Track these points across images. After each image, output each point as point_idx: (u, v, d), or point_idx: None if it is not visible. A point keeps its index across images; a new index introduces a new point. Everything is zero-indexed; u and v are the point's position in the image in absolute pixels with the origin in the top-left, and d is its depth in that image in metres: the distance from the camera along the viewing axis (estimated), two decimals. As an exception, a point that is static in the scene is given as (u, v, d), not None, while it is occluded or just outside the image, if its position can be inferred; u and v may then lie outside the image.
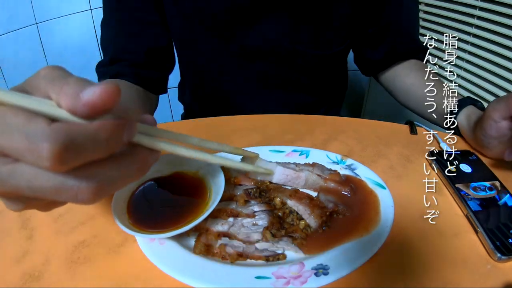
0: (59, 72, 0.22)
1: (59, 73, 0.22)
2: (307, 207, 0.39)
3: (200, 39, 0.65)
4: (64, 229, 0.40)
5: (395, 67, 0.71)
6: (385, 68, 0.72)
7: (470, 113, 0.53)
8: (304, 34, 0.63)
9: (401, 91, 0.70)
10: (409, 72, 0.68)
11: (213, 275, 0.33)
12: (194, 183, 0.42)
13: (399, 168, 0.48)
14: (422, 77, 0.64)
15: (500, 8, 0.83)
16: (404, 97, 0.69)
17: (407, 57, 0.69)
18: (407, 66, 0.69)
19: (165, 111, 1.60)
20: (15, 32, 1.38)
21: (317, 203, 0.40)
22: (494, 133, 0.44)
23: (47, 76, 0.21)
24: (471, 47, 0.94)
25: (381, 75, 0.74)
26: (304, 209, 0.39)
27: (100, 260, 0.36)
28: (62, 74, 0.22)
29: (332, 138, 0.54)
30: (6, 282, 0.34)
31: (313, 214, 0.38)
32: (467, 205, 0.40)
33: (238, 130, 0.57)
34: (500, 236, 0.36)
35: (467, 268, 0.34)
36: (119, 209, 0.37)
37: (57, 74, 0.21)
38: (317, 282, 0.32)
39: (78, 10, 1.37)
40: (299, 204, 0.40)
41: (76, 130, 0.19)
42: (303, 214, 0.39)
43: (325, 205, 0.40)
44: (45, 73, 0.22)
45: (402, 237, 0.37)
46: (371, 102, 1.39)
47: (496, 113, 0.43)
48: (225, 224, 0.39)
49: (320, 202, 0.40)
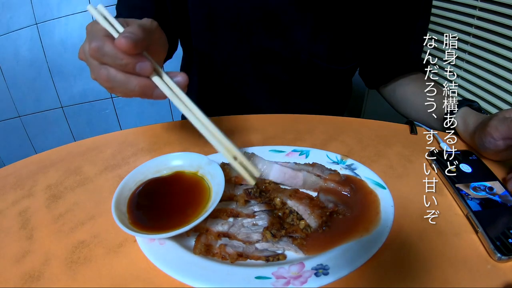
0: (139, 22, 0.37)
1: (138, 22, 0.37)
2: (307, 207, 0.39)
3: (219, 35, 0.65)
4: (64, 229, 0.40)
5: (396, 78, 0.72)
6: (388, 81, 0.73)
7: (465, 115, 0.53)
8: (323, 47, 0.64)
9: (401, 100, 0.71)
10: (410, 81, 0.70)
11: (213, 275, 0.33)
12: (194, 183, 0.42)
13: (399, 168, 0.48)
14: (422, 85, 0.65)
15: (500, 8, 0.83)
16: (404, 106, 0.71)
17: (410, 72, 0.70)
18: (408, 76, 0.70)
19: (165, 111, 1.60)
20: (15, 32, 1.38)
21: (317, 203, 0.40)
22: (492, 147, 0.46)
23: (140, 22, 0.37)
24: (471, 47, 0.94)
25: (383, 87, 0.75)
26: (304, 209, 0.39)
27: (100, 260, 0.36)
28: (138, 23, 0.37)
29: (332, 138, 0.54)
30: (6, 282, 0.34)
31: (313, 214, 0.38)
32: (467, 205, 0.40)
33: (238, 130, 0.57)
34: (500, 236, 0.36)
35: (467, 268, 0.34)
36: (119, 209, 0.37)
37: (136, 22, 0.37)
38: (317, 282, 0.32)
39: (78, 10, 1.37)
40: (299, 204, 0.40)
41: (110, 45, 0.34)
42: (303, 214, 0.39)
43: (325, 205, 0.40)
44: (137, 20, 0.38)
45: (402, 237, 0.37)
46: (371, 102, 1.39)
47: (496, 133, 0.45)
48: (225, 224, 0.39)
49: (320, 202, 0.40)
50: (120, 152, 0.53)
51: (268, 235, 0.36)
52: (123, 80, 0.35)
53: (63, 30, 1.39)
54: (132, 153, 0.53)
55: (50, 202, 0.45)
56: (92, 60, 0.36)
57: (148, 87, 0.36)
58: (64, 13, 1.37)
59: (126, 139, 0.57)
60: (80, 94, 1.50)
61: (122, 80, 0.35)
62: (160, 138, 0.56)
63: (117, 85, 0.36)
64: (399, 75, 0.71)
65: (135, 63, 0.35)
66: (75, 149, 0.55)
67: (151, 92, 0.37)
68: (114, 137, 0.58)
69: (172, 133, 0.58)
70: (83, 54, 0.38)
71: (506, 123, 0.45)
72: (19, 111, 1.53)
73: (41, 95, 1.49)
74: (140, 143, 0.55)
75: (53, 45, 1.40)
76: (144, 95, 0.37)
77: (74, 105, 1.53)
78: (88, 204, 0.44)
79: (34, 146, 1.62)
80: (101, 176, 0.49)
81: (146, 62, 0.35)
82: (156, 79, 0.36)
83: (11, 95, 1.49)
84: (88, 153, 0.54)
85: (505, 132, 0.44)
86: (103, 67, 0.35)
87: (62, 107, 1.53)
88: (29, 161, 0.53)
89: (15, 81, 1.46)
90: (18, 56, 1.42)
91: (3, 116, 1.54)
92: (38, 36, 1.38)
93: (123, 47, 0.33)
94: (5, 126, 1.56)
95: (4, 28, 1.37)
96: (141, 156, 0.52)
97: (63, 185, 0.47)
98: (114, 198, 0.38)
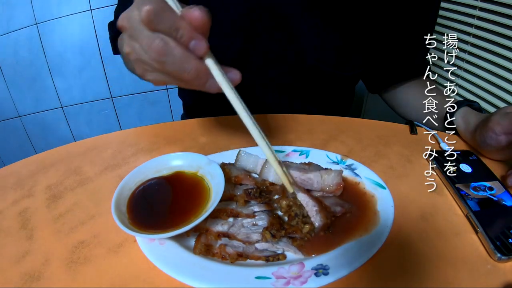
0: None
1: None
2: (316, 203, 0.38)
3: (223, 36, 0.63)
4: (64, 229, 0.40)
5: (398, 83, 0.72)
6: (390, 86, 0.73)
7: (466, 114, 0.53)
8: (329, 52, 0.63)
9: (402, 103, 0.71)
10: (411, 85, 0.70)
11: (213, 275, 0.33)
12: (194, 183, 0.42)
13: (399, 168, 0.48)
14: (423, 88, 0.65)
15: (500, 9, 0.83)
16: (405, 109, 0.71)
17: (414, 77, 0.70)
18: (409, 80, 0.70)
19: (165, 111, 1.60)
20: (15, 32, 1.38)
21: (325, 206, 0.39)
22: (494, 143, 0.46)
23: None
24: (471, 47, 0.94)
25: (385, 91, 0.76)
26: (313, 204, 0.38)
27: (100, 260, 0.36)
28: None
29: (332, 138, 0.54)
30: (6, 282, 0.34)
31: (321, 213, 0.37)
32: (467, 205, 0.40)
33: (238, 130, 0.57)
34: (500, 236, 0.36)
35: (467, 268, 0.34)
36: (119, 209, 0.37)
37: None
38: (317, 282, 0.32)
39: (78, 11, 1.37)
40: (309, 199, 0.38)
41: (169, 12, 0.30)
42: (310, 211, 0.38)
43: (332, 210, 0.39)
44: None
45: (402, 237, 0.37)
46: (371, 102, 1.39)
47: (498, 127, 0.45)
48: (225, 224, 0.39)
49: (327, 207, 0.40)
50: (120, 152, 0.53)
51: (267, 235, 0.36)
52: (181, 55, 0.30)
53: (63, 30, 1.39)
54: (132, 153, 0.53)
55: (50, 202, 0.45)
56: (142, 26, 0.30)
57: (205, 73, 0.31)
58: (64, 13, 1.37)
59: (126, 139, 0.57)
60: (80, 94, 1.50)
61: (180, 56, 0.30)
62: (160, 138, 0.56)
63: (172, 61, 0.30)
64: (402, 81, 0.71)
65: (192, 38, 0.30)
66: (75, 149, 0.55)
67: (204, 80, 0.32)
68: (114, 137, 0.58)
69: (172, 133, 0.58)
70: (126, 21, 0.32)
71: (508, 117, 0.45)
72: (19, 111, 1.53)
73: (41, 95, 1.49)
74: (140, 143, 0.55)
75: (53, 45, 1.40)
76: (197, 81, 0.32)
77: (74, 105, 1.53)
78: (88, 204, 0.44)
79: (34, 146, 1.62)
80: (101, 176, 0.49)
81: (202, 40, 0.30)
82: (212, 65, 0.32)
83: (11, 95, 1.49)
84: (88, 153, 0.54)
85: (506, 127, 0.44)
86: (158, 36, 0.30)
87: (62, 107, 1.53)
88: (29, 161, 0.53)
89: (15, 81, 1.47)
90: (18, 56, 1.42)
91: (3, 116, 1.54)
92: (38, 36, 1.38)
93: (198, 19, 0.29)
94: (5, 126, 1.56)
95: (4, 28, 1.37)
96: (141, 156, 0.52)
97: (63, 185, 0.47)
98: (114, 198, 0.38)
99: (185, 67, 0.31)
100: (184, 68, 0.31)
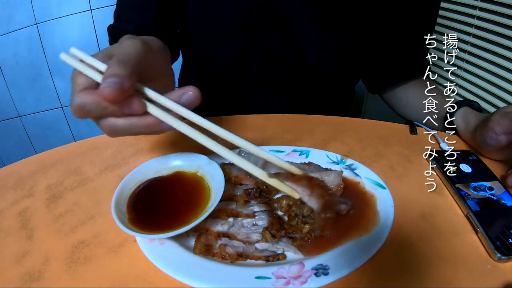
0: (120, 57, 0.32)
1: (120, 57, 0.32)
2: (305, 188, 0.34)
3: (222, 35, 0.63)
4: (64, 229, 0.40)
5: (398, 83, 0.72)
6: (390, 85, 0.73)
7: (466, 114, 0.53)
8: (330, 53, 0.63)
9: (402, 103, 0.71)
10: (410, 85, 0.70)
11: (213, 275, 0.33)
12: (194, 183, 0.42)
13: (399, 168, 0.48)
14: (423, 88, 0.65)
15: (500, 9, 0.83)
16: (405, 108, 0.71)
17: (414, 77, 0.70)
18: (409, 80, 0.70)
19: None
20: (15, 32, 1.38)
21: (316, 182, 0.34)
22: (494, 143, 0.46)
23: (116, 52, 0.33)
24: (471, 47, 0.94)
25: (384, 91, 0.76)
26: (302, 190, 0.34)
27: (100, 260, 0.36)
28: (119, 58, 0.32)
29: (332, 138, 0.54)
30: (6, 282, 0.34)
31: (313, 195, 0.33)
32: (467, 205, 0.40)
33: (238, 130, 0.57)
34: (500, 236, 0.36)
35: (467, 268, 0.34)
36: (119, 209, 0.37)
37: (117, 57, 0.32)
38: (317, 282, 0.32)
39: (78, 11, 1.37)
40: (296, 186, 0.34)
41: (90, 98, 0.31)
42: (303, 197, 0.34)
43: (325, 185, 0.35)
44: (119, 50, 0.34)
45: (402, 237, 0.37)
46: (371, 102, 1.39)
47: (498, 127, 0.45)
48: (225, 224, 0.39)
49: (320, 182, 0.35)
50: (120, 152, 0.53)
51: (267, 235, 0.36)
52: (126, 126, 0.32)
53: (63, 30, 1.39)
54: (132, 153, 0.53)
55: (50, 202, 0.45)
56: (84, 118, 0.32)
57: (154, 124, 0.33)
58: (64, 13, 1.37)
59: (126, 139, 0.57)
60: (80, 94, 1.50)
61: (126, 127, 0.32)
62: (160, 138, 0.56)
63: (124, 132, 0.33)
64: (402, 81, 0.71)
65: (121, 109, 0.31)
66: (75, 149, 0.55)
67: (159, 128, 0.33)
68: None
69: (172, 133, 0.58)
70: (75, 114, 0.33)
71: (508, 117, 0.45)
72: (19, 111, 1.53)
73: (41, 95, 1.49)
74: (140, 143, 0.55)
75: (53, 45, 1.40)
76: (153, 131, 0.34)
77: (74, 105, 1.52)
78: (88, 204, 0.44)
79: (34, 146, 1.62)
80: (101, 176, 0.49)
81: (133, 101, 0.31)
82: (158, 113, 0.32)
83: (11, 95, 1.49)
84: (88, 153, 0.54)
85: (506, 126, 0.44)
86: (101, 120, 0.32)
87: (62, 107, 1.53)
88: (29, 161, 0.53)
89: (15, 81, 1.47)
90: (18, 56, 1.42)
91: (3, 116, 1.54)
92: (38, 36, 1.38)
93: (108, 98, 0.29)
94: (5, 126, 1.56)
95: (4, 28, 1.37)
96: (141, 156, 0.52)
97: (63, 185, 0.47)
98: (114, 198, 0.38)
99: (135, 131, 0.33)
100: (136, 131, 0.33)
